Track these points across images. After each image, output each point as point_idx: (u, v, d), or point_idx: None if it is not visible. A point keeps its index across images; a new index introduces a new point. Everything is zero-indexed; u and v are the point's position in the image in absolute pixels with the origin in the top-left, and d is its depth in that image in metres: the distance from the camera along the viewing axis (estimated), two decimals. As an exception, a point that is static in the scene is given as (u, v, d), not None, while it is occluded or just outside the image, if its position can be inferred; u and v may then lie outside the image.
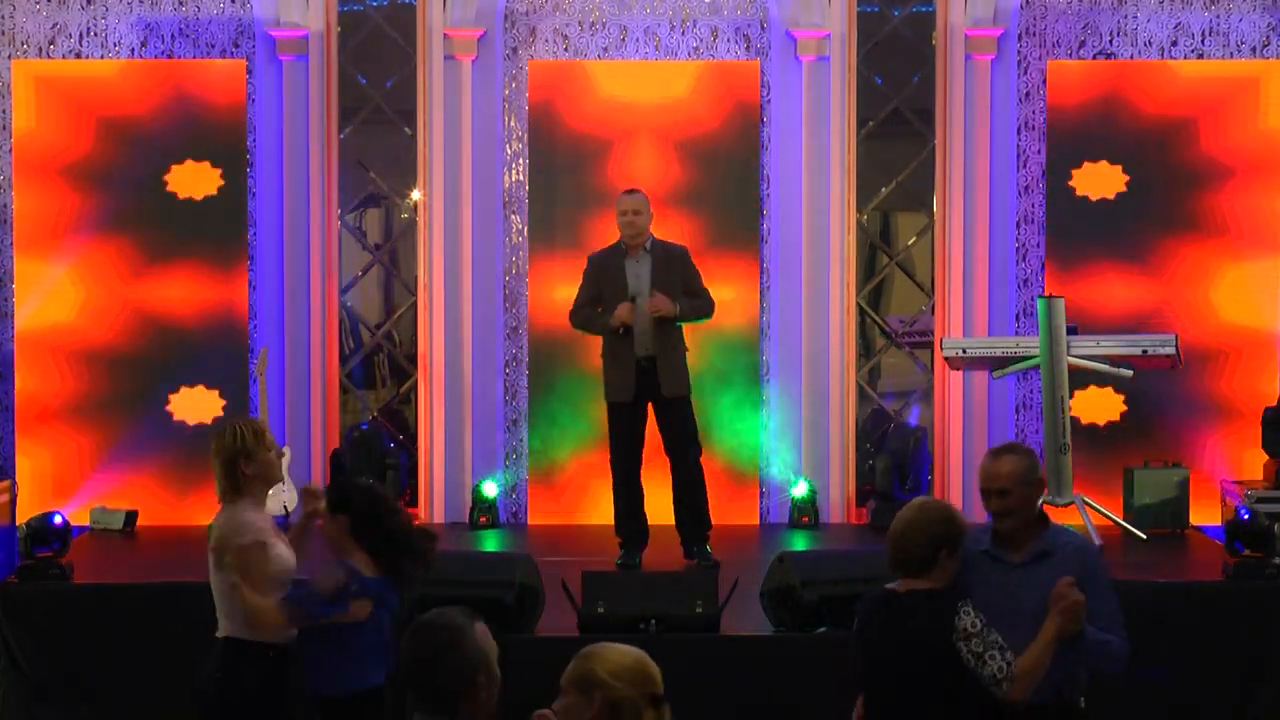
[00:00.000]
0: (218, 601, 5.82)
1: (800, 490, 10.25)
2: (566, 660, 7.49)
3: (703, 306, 8.95)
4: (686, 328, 8.94)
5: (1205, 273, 10.48)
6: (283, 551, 5.81)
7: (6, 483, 10.15)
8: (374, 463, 10.20)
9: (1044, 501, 9.31)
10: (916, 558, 5.14)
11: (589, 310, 8.93)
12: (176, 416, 10.45)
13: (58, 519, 8.30)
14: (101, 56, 10.44)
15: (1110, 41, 10.57)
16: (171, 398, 10.45)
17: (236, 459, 5.79)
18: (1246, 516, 8.41)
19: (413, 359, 10.61)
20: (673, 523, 8.94)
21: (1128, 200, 10.52)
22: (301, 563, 5.94)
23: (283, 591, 5.72)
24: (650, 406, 8.89)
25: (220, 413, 10.35)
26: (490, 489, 10.21)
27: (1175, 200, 10.49)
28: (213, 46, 10.51)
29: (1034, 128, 10.55)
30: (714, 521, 8.94)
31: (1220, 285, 10.50)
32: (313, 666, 5.70)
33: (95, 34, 10.49)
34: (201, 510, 9.92)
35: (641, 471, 8.96)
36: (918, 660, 5.06)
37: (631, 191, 9.00)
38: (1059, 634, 5.12)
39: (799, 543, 9.74)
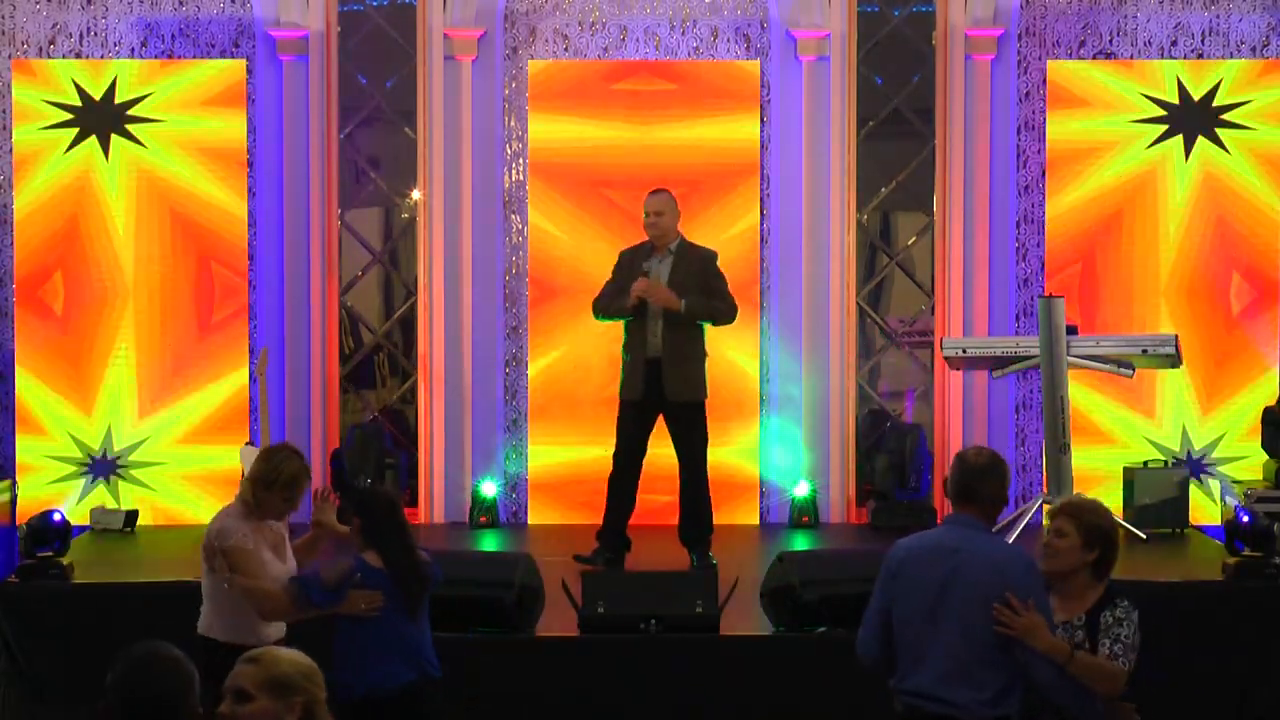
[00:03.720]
0: (205, 601, 6.10)
1: (800, 490, 10.25)
2: (567, 660, 7.53)
3: (718, 307, 8.82)
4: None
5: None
6: (268, 559, 6.03)
7: (6, 483, 10.15)
8: (374, 463, 10.20)
9: (1044, 501, 9.36)
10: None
11: (609, 298, 8.86)
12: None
13: (58, 519, 8.30)
14: (101, 56, 10.44)
15: (1110, 41, 10.57)
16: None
17: (256, 481, 6.07)
18: (1246, 517, 8.41)
19: (413, 359, 10.61)
20: (671, 523, 8.93)
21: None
22: (307, 565, 6.15)
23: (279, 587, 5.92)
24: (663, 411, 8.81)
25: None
26: (489, 489, 10.21)
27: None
28: (213, 46, 10.51)
29: (1034, 128, 10.55)
30: (715, 521, 8.93)
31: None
32: (339, 666, 5.80)
33: (95, 34, 10.49)
34: (202, 510, 9.94)
35: (639, 480, 8.86)
36: None
37: (656, 192, 8.95)
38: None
39: (799, 543, 9.74)
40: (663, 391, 8.73)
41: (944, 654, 5.23)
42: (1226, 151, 10.36)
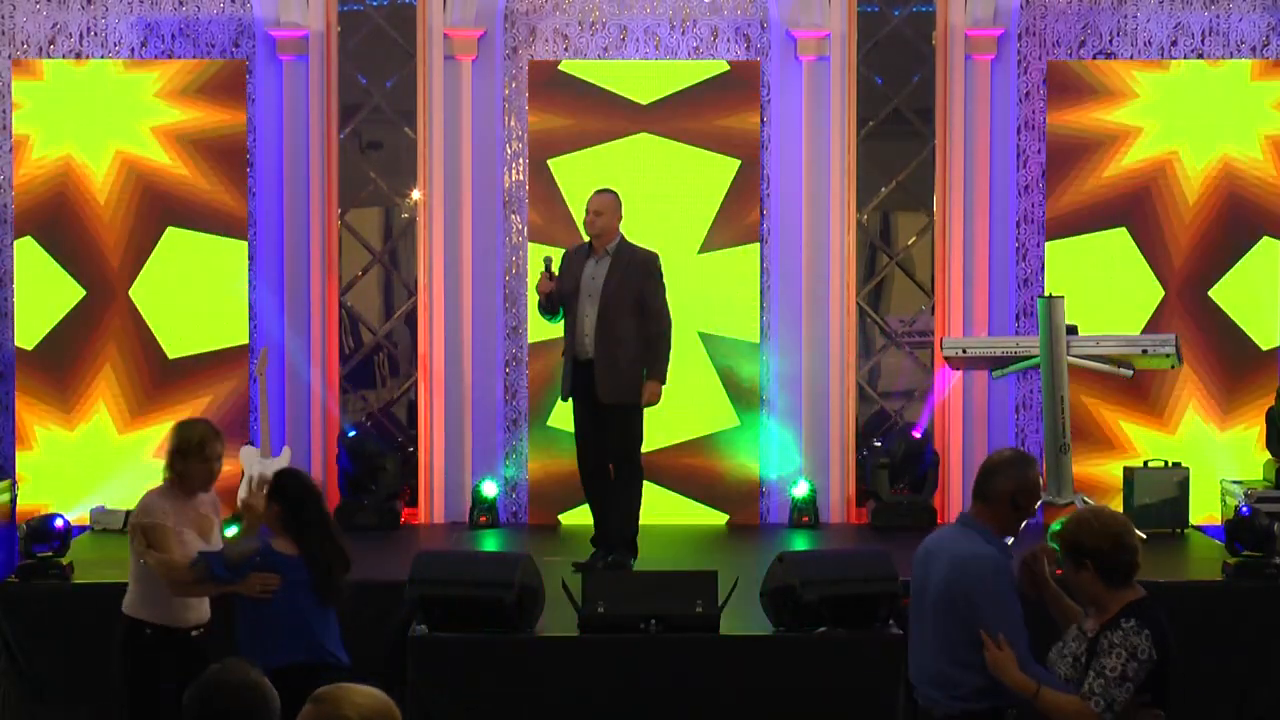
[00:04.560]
0: (130, 581, 6.45)
1: (800, 490, 10.25)
2: (567, 660, 7.53)
3: (658, 347, 8.64)
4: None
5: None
6: (190, 539, 6.34)
7: (6, 482, 10.15)
8: (373, 463, 10.19)
9: (1044, 501, 9.37)
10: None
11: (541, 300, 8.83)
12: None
13: (58, 519, 8.30)
14: (102, 56, 10.44)
15: (1110, 41, 10.57)
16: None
17: (174, 453, 6.44)
18: (1246, 516, 8.41)
19: (413, 359, 10.61)
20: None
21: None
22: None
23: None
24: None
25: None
26: (490, 489, 10.21)
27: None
28: (213, 46, 10.51)
29: (1034, 128, 10.55)
30: (714, 521, 8.93)
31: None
32: (241, 643, 6.19)
33: (95, 34, 10.49)
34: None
35: (609, 476, 8.81)
36: None
37: (600, 191, 8.87)
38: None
39: (799, 543, 9.74)
40: (592, 393, 8.64)
41: (925, 653, 5.32)
42: None
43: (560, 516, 10.36)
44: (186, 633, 6.42)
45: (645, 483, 8.96)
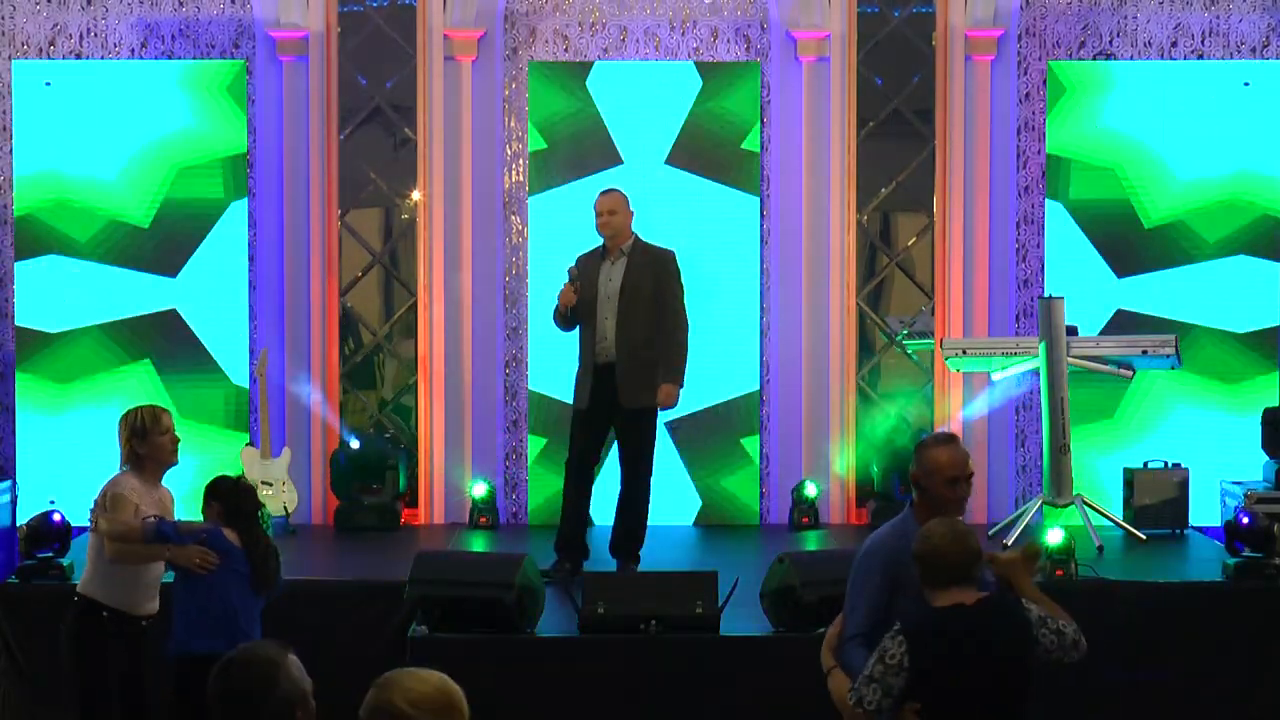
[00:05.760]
0: (88, 562, 6.63)
1: (807, 490, 10.21)
2: (567, 660, 7.53)
3: (676, 349, 8.56)
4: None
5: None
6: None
7: (7, 483, 10.14)
8: (373, 463, 10.18)
9: (1044, 501, 9.37)
10: (968, 572, 5.01)
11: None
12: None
13: (58, 519, 8.30)
14: (102, 57, 10.44)
15: (1110, 42, 10.57)
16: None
17: (131, 438, 6.58)
18: (1247, 518, 8.41)
19: (413, 359, 10.61)
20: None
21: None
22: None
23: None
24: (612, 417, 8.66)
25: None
26: (479, 489, 10.16)
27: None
28: (213, 46, 10.51)
29: (1034, 128, 10.55)
30: (714, 521, 8.92)
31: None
32: (175, 622, 6.41)
33: (95, 34, 10.49)
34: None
35: (591, 489, 8.79)
36: (1013, 660, 4.98)
37: (608, 191, 8.81)
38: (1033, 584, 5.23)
39: (799, 543, 9.74)
40: (616, 398, 8.53)
41: None
42: None
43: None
44: (139, 620, 6.59)
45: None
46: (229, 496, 6.53)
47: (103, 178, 10.39)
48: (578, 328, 8.69)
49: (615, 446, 8.99)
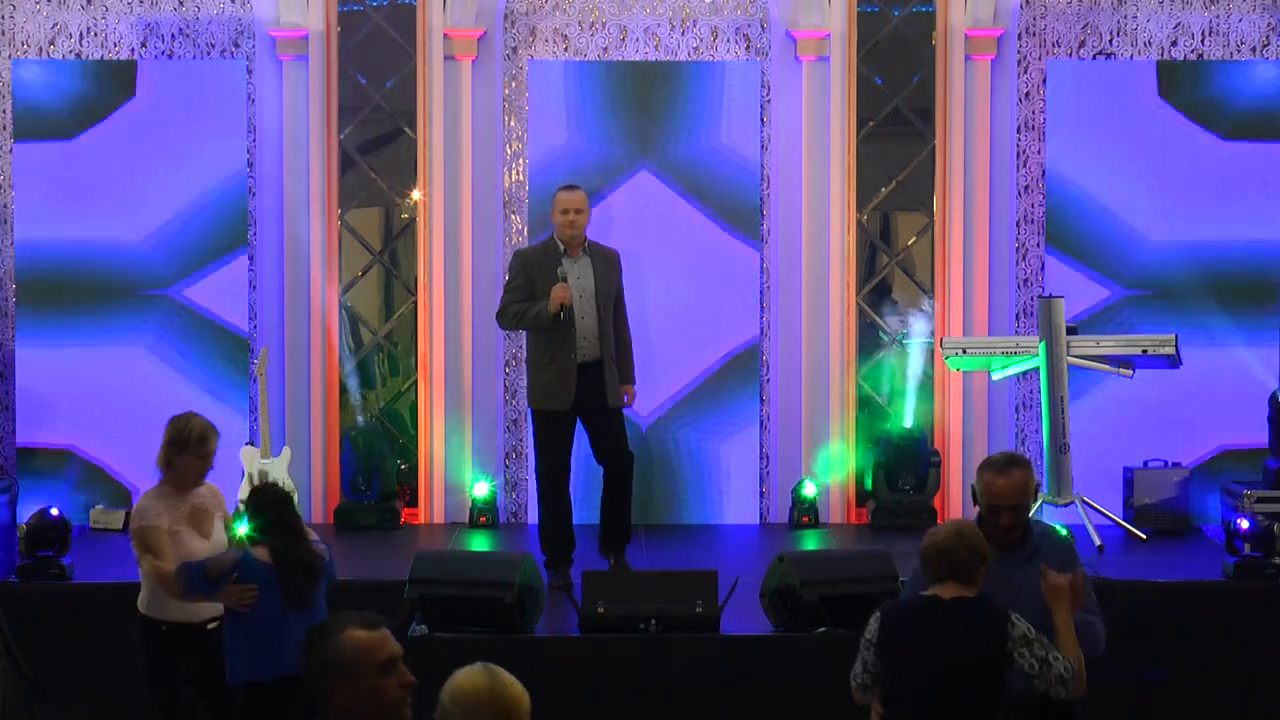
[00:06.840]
0: (142, 579, 6.55)
1: (806, 490, 10.22)
2: (567, 660, 7.53)
3: (629, 347, 8.74)
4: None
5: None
6: (187, 539, 6.45)
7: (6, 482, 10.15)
8: (374, 463, 10.19)
9: (1044, 501, 9.38)
10: (965, 568, 5.16)
11: (521, 306, 8.60)
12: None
13: (57, 516, 8.30)
14: (102, 57, 10.44)
15: (1110, 41, 10.57)
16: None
17: (169, 446, 6.57)
18: (1247, 518, 8.42)
19: (413, 359, 10.61)
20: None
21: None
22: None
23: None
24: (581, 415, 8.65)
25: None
26: (481, 489, 10.16)
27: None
28: (213, 46, 10.51)
29: (1034, 128, 10.55)
30: (714, 521, 8.93)
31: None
32: (228, 652, 6.25)
33: (95, 34, 10.48)
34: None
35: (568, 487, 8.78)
36: (968, 662, 5.05)
37: (571, 188, 8.78)
38: (1072, 618, 5.26)
39: (799, 543, 9.74)
40: (600, 397, 8.52)
41: None
42: None
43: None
44: (202, 626, 6.53)
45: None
46: (259, 514, 6.27)
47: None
48: (531, 329, 8.63)
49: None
